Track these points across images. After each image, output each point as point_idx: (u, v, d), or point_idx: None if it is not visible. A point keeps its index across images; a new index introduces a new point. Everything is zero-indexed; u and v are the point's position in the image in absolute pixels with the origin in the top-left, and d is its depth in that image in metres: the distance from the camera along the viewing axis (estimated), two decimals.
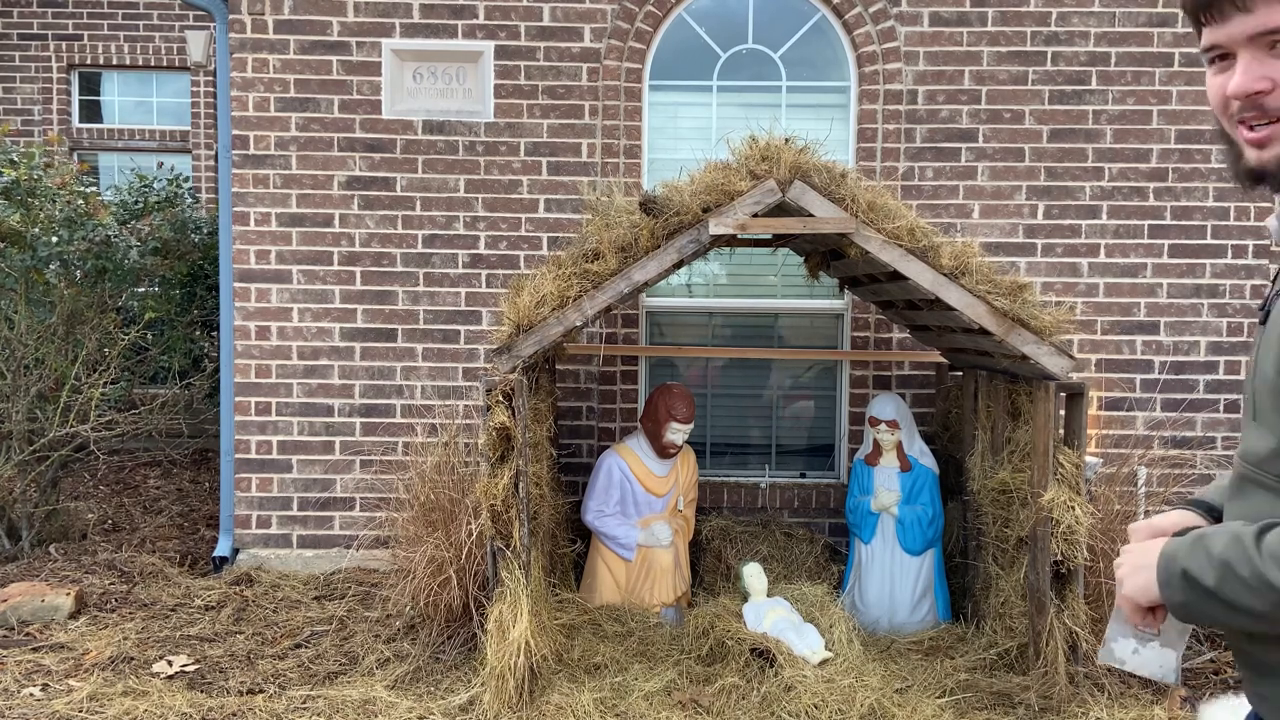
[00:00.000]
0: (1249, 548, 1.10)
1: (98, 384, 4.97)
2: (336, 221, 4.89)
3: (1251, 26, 1.10)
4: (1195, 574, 1.15)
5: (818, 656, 3.53)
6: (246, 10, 4.82)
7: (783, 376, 5.17)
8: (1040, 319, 3.40)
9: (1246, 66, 1.12)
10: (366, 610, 4.27)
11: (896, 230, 3.41)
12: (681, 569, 4.24)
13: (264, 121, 4.86)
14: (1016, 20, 4.79)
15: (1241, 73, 1.13)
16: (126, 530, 5.41)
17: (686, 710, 3.29)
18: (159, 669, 3.65)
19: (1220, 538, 1.15)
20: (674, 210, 3.42)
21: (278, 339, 4.91)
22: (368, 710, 3.33)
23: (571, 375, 4.95)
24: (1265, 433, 1.18)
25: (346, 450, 4.93)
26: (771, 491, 4.94)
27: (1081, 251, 4.85)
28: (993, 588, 3.89)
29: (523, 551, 3.39)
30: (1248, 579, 1.09)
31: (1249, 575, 1.09)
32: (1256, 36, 1.11)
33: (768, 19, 4.92)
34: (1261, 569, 1.08)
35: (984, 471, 3.98)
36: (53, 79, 8.06)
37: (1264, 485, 1.19)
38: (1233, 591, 1.11)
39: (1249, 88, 1.12)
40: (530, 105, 4.85)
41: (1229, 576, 1.11)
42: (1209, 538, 1.16)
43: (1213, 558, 1.14)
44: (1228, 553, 1.12)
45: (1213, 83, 1.17)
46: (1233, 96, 1.14)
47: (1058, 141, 4.82)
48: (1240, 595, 1.10)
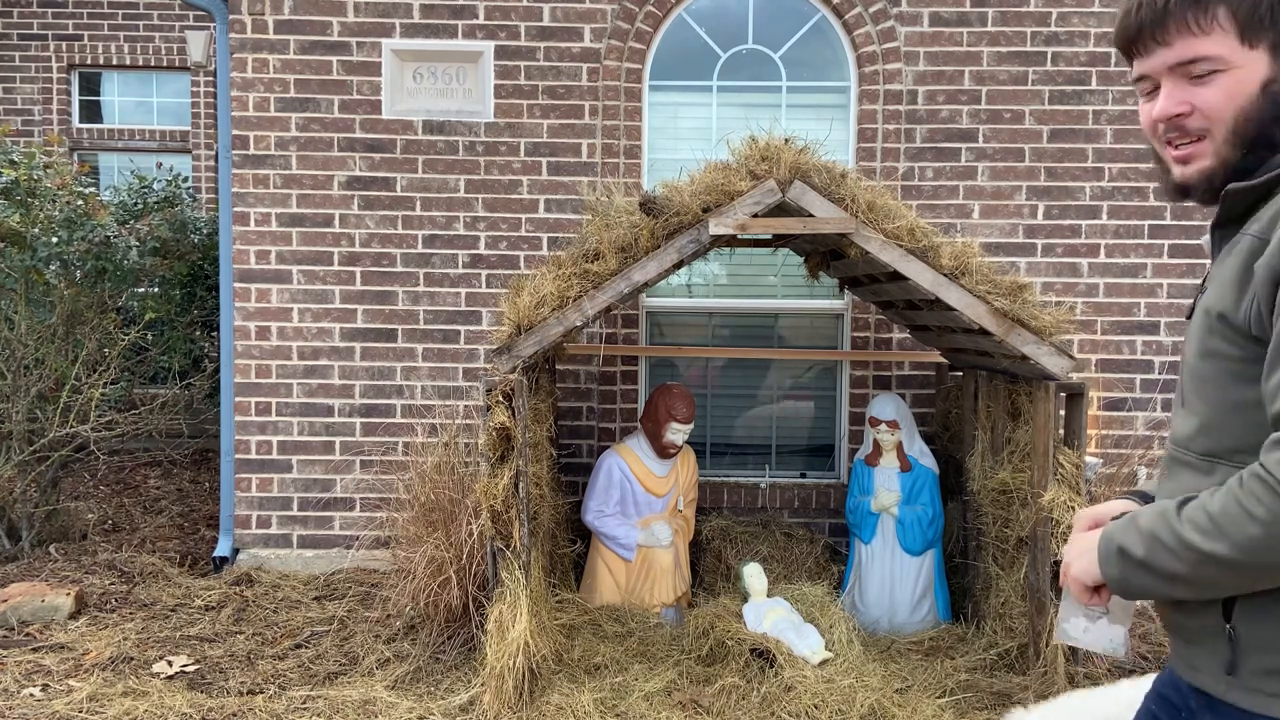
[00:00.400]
0: (1171, 518, 1.22)
1: (98, 384, 4.97)
2: (336, 221, 4.89)
3: (1171, 58, 1.27)
4: (1129, 548, 1.27)
5: (818, 657, 3.53)
6: (246, 10, 4.82)
7: (783, 376, 5.17)
8: (1040, 319, 3.40)
9: (1169, 93, 1.29)
10: (366, 610, 4.27)
11: (896, 230, 3.41)
12: (681, 569, 4.24)
13: (264, 121, 4.86)
14: (1016, 20, 4.79)
15: (1164, 98, 1.29)
16: (126, 530, 5.41)
17: (686, 710, 3.28)
18: (159, 669, 3.65)
19: (1147, 514, 1.27)
20: (674, 210, 3.42)
21: (278, 339, 4.91)
22: (368, 710, 3.33)
23: (571, 375, 4.95)
24: (1189, 415, 1.32)
25: (346, 450, 4.93)
26: (771, 491, 4.94)
27: (1081, 251, 4.85)
28: (993, 588, 3.89)
29: (523, 551, 3.39)
30: (1172, 545, 1.21)
31: (1172, 542, 1.21)
32: (1176, 67, 1.27)
33: (768, 19, 4.92)
34: (1182, 534, 1.20)
35: (984, 471, 3.98)
36: (53, 79, 8.06)
37: (1188, 464, 1.32)
38: (1160, 559, 1.23)
39: (1170, 111, 1.28)
40: (530, 105, 4.85)
41: (1156, 546, 1.23)
42: (1139, 516, 1.28)
43: (1142, 532, 1.26)
44: (1154, 525, 1.24)
45: (1144, 109, 1.33)
46: (1158, 120, 1.30)
47: (1058, 141, 4.82)
48: (1167, 561, 1.22)
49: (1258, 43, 1.23)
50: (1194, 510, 1.21)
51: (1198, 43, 1.24)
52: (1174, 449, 1.36)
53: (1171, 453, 1.37)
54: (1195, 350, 1.30)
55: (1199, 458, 1.30)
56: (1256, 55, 1.23)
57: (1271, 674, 1.22)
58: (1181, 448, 1.34)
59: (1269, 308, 1.16)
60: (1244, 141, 1.25)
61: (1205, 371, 1.28)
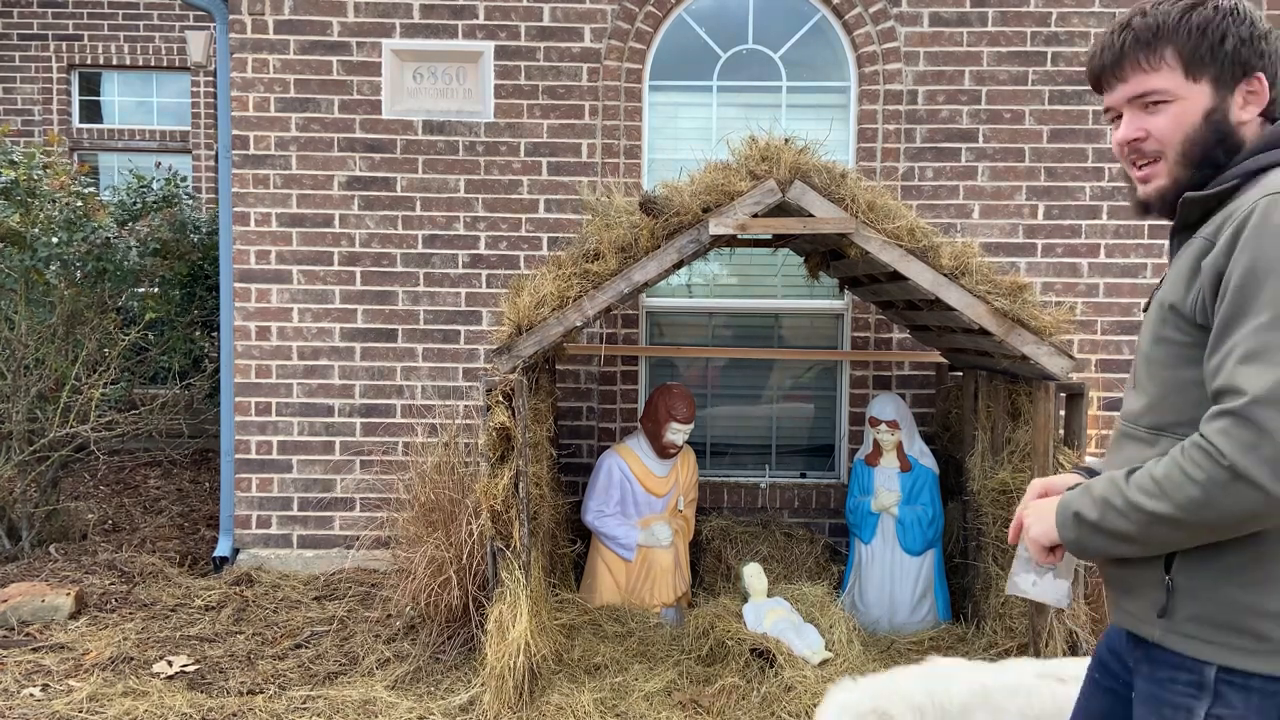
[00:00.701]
0: (1120, 484, 1.39)
1: (98, 384, 4.97)
2: (336, 221, 4.89)
3: (1128, 92, 1.49)
4: (1084, 513, 1.44)
5: (818, 657, 3.53)
6: (246, 10, 4.82)
7: (783, 377, 5.17)
8: (1040, 319, 3.40)
9: (1128, 121, 1.50)
10: (367, 610, 4.27)
11: (896, 230, 3.41)
12: (681, 569, 4.24)
13: (264, 121, 4.86)
14: (1016, 20, 4.79)
15: (1124, 126, 1.51)
16: (126, 530, 5.41)
17: (686, 710, 3.29)
18: (159, 669, 3.65)
19: (1099, 483, 1.44)
20: (674, 210, 3.42)
21: (278, 339, 4.91)
22: (368, 710, 3.33)
23: (571, 375, 4.95)
24: (1140, 395, 1.51)
25: (346, 450, 4.93)
26: (771, 491, 4.94)
27: (1081, 251, 4.85)
28: (993, 588, 3.89)
29: (523, 551, 3.39)
30: (1122, 508, 1.38)
31: (1122, 505, 1.38)
32: (1133, 99, 1.49)
33: (768, 19, 4.92)
34: (1131, 497, 1.37)
35: (984, 471, 3.98)
36: (53, 79, 8.06)
37: (1136, 438, 1.50)
38: (1111, 521, 1.40)
39: (1129, 136, 1.49)
40: (530, 105, 4.85)
41: (1108, 510, 1.40)
42: (1093, 485, 1.46)
43: (1095, 498, 1.43)
44: (1106, 491, 1.41)
45: (1113, 135, 1.54)
46: (1119, 144, 1.52)
47: (1058, 141, 4.82)
48: (1117, 523, 1.39)
49: (1200, 77, 1.43)
50: (1141, 476, 1.37)
51: (1149, 78, 1.46)
52: (1124, 425, 1.54)
53: (1121, 428, 1.56)
54: (1149, 338, 1.49)
55: (1146, 431, 1.48)
56: (1199, 88, 1.44)
57: (1201, 621, 1.38)
58: (1131, 423, 1.52)
59: (1212, 299, 1.35)
60: (1191, 162, 1.45)
61: (1157, 355, 1.47)
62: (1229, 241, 1.33)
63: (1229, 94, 1.43)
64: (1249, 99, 1.44)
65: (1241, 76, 1.43)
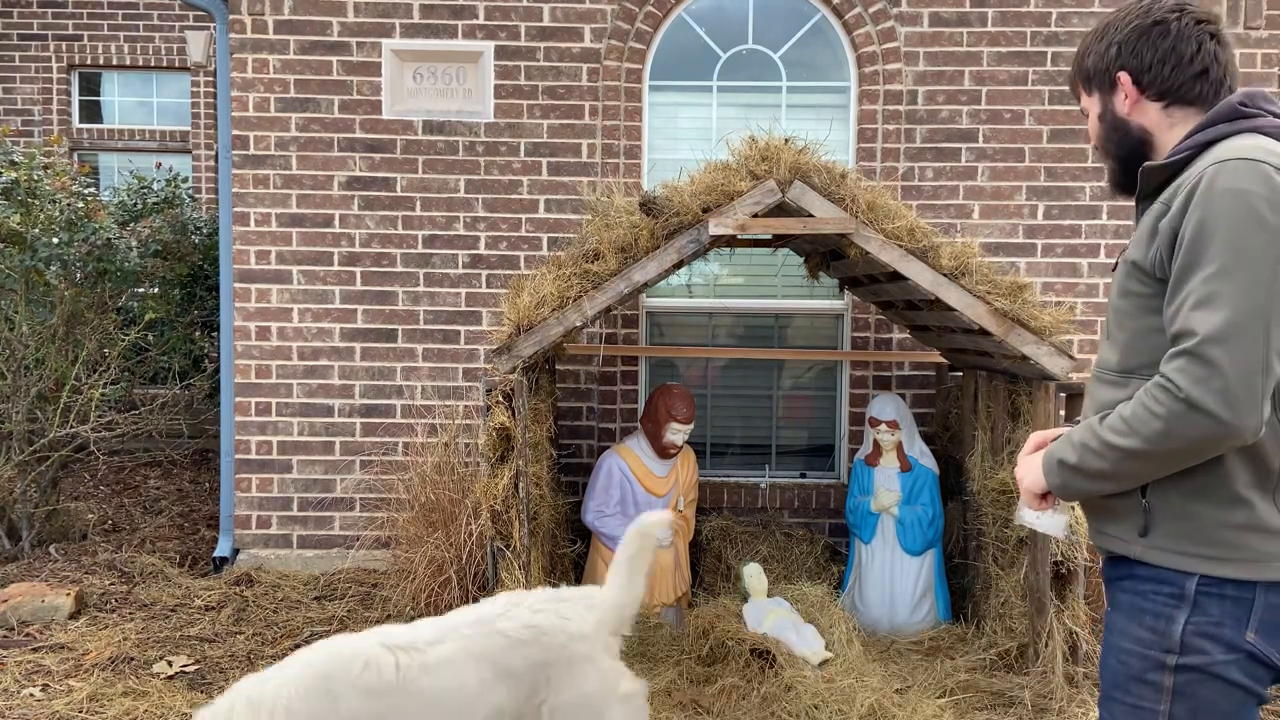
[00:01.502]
0: (1095, 427, 1.59)
1: (98, 384, 4.97)
2: (336, 222, 4.89)
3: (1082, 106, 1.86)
4: (1065, 459, 1.64)
5: (818, 657, 3.53)
6: (246, 10, 4.82)
7: (783, 377, 5.17)
8: (1040, 319, 3.40)
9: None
10: (367, 611, 4.27)
11: (896, 230, 3.41)
12: (681, 569, 4.24)
13: (264, 122, 4.86)
14: (1016, 20, 4.79)
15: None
16: (126, 530, 5.41)
17: (686, 710, 3.29)
18: (159, 669, 3.65)
19: (1077, 430, 1.65)
20: (674, 210, 3.42)
21: (278, 339, 4.91)
22: None
23: (571, 375, 4.95)
24: (1111, 345, 1.70)
25: (346, 450, 4.93)
26: (771, 492, 4.94)
27: (1081, 251, 4.85)
28: (993, 588, 3.89)
29: (523, 551, 3.39)
30: (1097, 449, 1.58)
31: (1097, 445, 1.58)
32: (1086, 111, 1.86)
33: (768, 19, 4.92)
34: (1104, 437, 1.56)
35: (984, 472, 3.98)
36: (53, 79, 8.06)
37: (1108, 382, 1.69)
38: (1089, 462, 1.60)
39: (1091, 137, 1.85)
40: (530, 105, 4.85)
41: (1086, 452, 1.60)
42: (1071, 433, 1.67)
43: (1074, 444, 1.63)
44: (1082, 436, 1.62)
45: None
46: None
47: (1058, 141, 4.82)
48: (1094, 462, 1.59)
49: (1091, 91, 1.81)
50: (1112, 418, 1.57)
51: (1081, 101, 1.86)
52: (1098, 372, 1.74)
53: (1095, 375, 1.75)
54: (1117, 291, 1.69)
55: (1117, 375, 1.67)
56: (1094, 100, 1.81)
57: (1179, 536, 1.56)
58: (1104, 370, 1.72)
59: (1169, 255, 1.54)
60: (1108, 153, 1.81)
61: (1124, 307, 1.66)
62: (1182, 204, 1.53)
63: (1110, 96, 1.77)
64: (1129, 94, 1.73)
65: (1112, 82, 1.75)
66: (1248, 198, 1.46)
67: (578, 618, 2.39)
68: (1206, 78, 1.68)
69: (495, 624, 2.32)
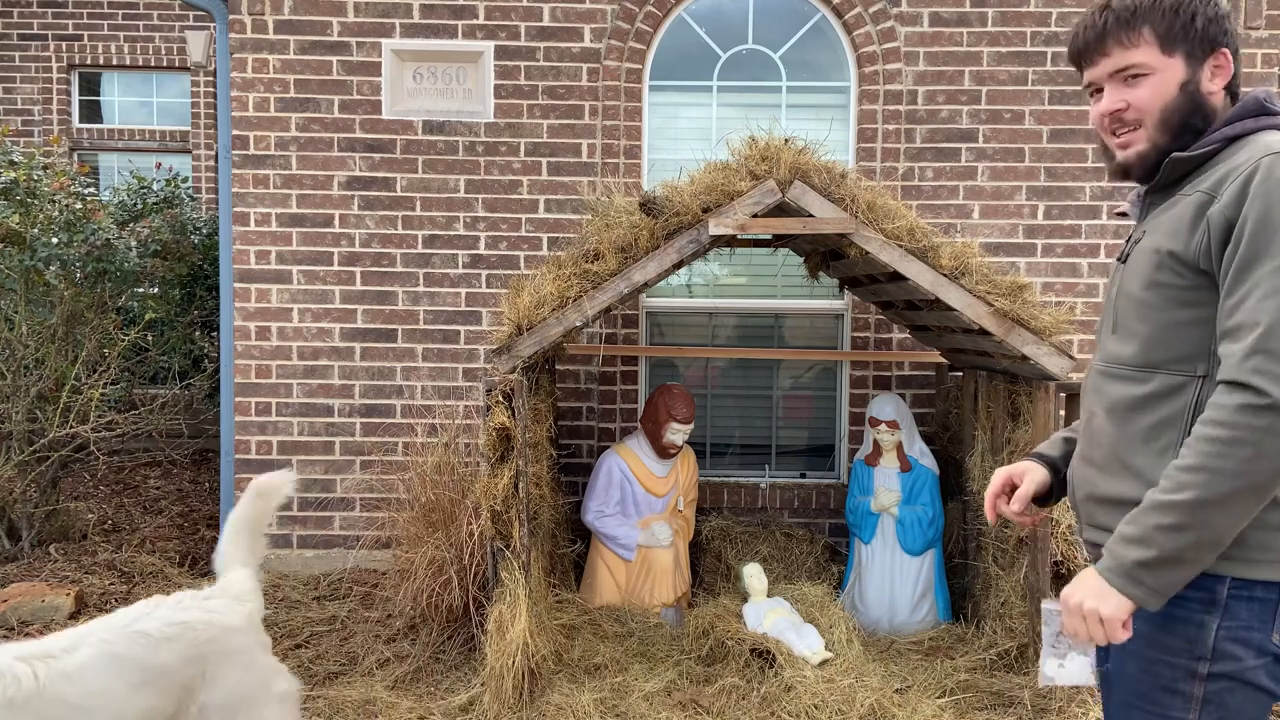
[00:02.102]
0: (1153, 504, 1.42)
1: (97, 384, 4.97)
2: (336, 222, 4.89)
3: (1110, 66, 1.62)
4: (1140, 559, 1.42)
5: (818, 657, 3.53)
6: (246, 10, 4.82)
7: (783, 377, 5.17)
8: (1040, 319, 3.40)
9: (1109, 93, 1.64)
10: (366, 610, 4.27)
11: (896, 230, 3.41)
12: (681, 569, 4.24)
13: (264, 121, 4.86)
14: (1016, 20, 4.79)
15: (1106, 98, 1.64)
16: (126, 530, 5.41)
17: (686, 710, 3.29)
18: None
19: (1123, 528, 1.46)
20: (674, 210, 3.42)
21: (278, 339, 4.91)
22: (368, 710, 3.33)
23: (571, 375, 4.95)
24: (1126, 338, 1.60)
25: (346, 450, 4.93)
26: (771, 492, 4.94)
27: (1081, 251, 4.85)
28: (993, 588, 3.89)
29: (523, 551, 3.39)
30: (1175, 522, 1.39)
31: (1175, 518, 1.39)
32: (1114, 73, 1.62)
33: (768, 19, 4.92)
34: (1175, 500, 1.39)
35: (984, 472, 3.98)
36: (53, 79, 8.06)
37: (1121, 377, 1.59)
38: (1172, 542, 1.39)
39: (1111, 108, 1.63)
40: (530, 105, 4.85)
41: (1161, 534, 1.40)
42: (1121, 530, 1.47)
43: (1136, 538, 1.43)
44: (1141, 522, 1.43)
45: (1093, 109, 1.69)
46: (1103, 114, 1.65)
47: (1058, 141, 4.82)
48: (1177, 540, 1.39)
49: (1174, 52, 1.57)
50: (1170, 480, 1.41)
51: (1129, 54, 1.59)
52: (1106, 366, 1.64)
53: (1102, 369, 1.65)
54: (1140, 283, 1.58)
55: (1136, 369, 1.57)
56: (1174, 62, 1.58)
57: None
58: (1116, 364, 1.61)
59: (1220, 247, 1.46)
60: (1170, 128, 1.59)
61: (1150, 299, 1.56)
62: (1237, 194, 1.45)
63: (1199, 67, 1.58)
64: (1216, 72, 1.59)
65: (1210, 51, 1.58)
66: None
67: (227, 610, 2.39)
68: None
69: (137, 624, 2.28)
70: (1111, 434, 1.60)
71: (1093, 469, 1.64)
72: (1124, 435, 1.58)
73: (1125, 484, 1.56)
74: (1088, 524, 1.68)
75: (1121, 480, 1.57)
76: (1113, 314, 1.66)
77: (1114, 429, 1.60)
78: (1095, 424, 1.65)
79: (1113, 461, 1.59)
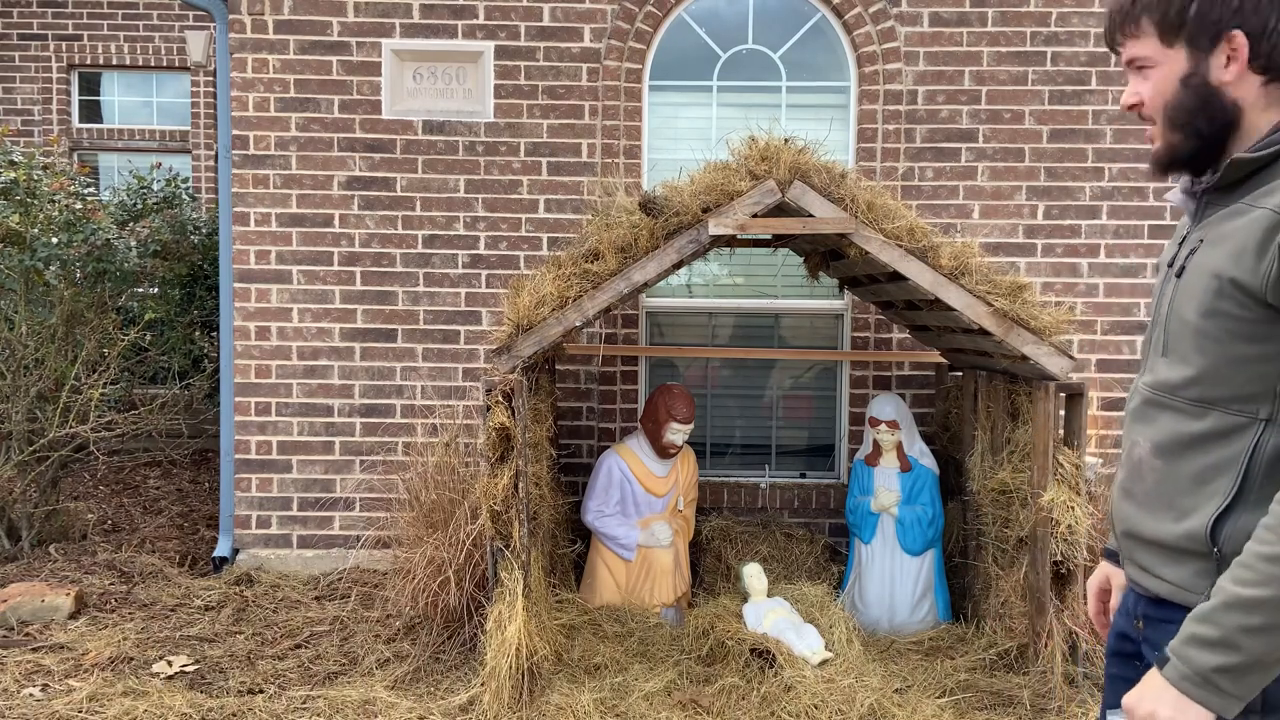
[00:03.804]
0: (1228, 598, 1.24)
1: (97, 384, 4.97)
2: (336, 221, 4.89)
3: (1124, 57, 1.51)
4: (1222, 664, 1.24)
5: (818, 657, 3.53)
6: (246, 10, 4.82)
7: (783, 376, 5.17)
8: (1040, 319, 3.40)
9: (1129, 85, 1.52)
10: (366, 611, 4.27)
11: (896, 230, 3.41)
12: (681, 569, 4.24)
13: (264, 121, 4.86)
14: (1016, 20, 4.79)
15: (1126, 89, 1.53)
16: (126, 530, 5.41)
17: (686, 710, 3.28)
18: (159, 669, 3.65)
19: (1201, 624, 1.28)
20: (674, 210, 3.42)
21: (278, 339, 4.91)
22: (368, 710, 3.33)
23: (571, 375, 4.95)
24: (1178, 364, 1.42)
25: (346, 450, 4.93)
26: (771, 491, 4.94)
27: (1081, 251, 4.85)
28: (993, 588, 3.89)
29: (522, 552, 3.39)
30: (1261, 623, 1.22)
31: (1261, 619, 1.21)
32: (1129, 64, 1.50)
33: (768, 19, 4.92)
34: (1254, 596, 1.22)
35: (984, 472, 3.98)
36: (53, 79, 8.06)
37: (1175, 409, 1.42)
38: (1257, 645, 1.22)
39: (1127, 101, 1.52)
40: (530, 105, 4.85)
41: (1244, 636, 1.23)
42: (1196, 632, 1.28)
43: (1216, 638, 1.25)
44: (1220, 619, 1.25)
45: None
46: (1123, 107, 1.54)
47: (1058, 141, 4.82)
48: (1263, 642, 1.22)
49: (1174, 43, 1.43)
50: (1246, 568, 1.24)
51: (1134, 45, 1.48)
52: (1156, 394, 1.47)
53: (1151, 397, 1.48)
54: (1199, 309, 1.38)
55: (1190, 403, 1.40)
56: (1175, 53, 1.43)
57: None
58: (1166, 393, 1.44)
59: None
60: (1175, 127, 1.45)
61: (1208, 329, 1.37)
62: None
63: (1205, 57, 1.41)
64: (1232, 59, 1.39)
65: (1216, 37, 1.39)
66: None
67: None
68: None
69: None
70: (1158, 471, 1.44)
71: (1133, 504, 1.50)
72: (1171, 475, 1.42)
73: (1170, 526, 1.41)
74: (1128, 559, 1.54)
75: (1166, 521, 1.42)
76: (1163, 334, 1.47)
77: (1161, 465, 1.44)
78: (1138, 454, 1.49)
79: (1156, 501, 1.45)
